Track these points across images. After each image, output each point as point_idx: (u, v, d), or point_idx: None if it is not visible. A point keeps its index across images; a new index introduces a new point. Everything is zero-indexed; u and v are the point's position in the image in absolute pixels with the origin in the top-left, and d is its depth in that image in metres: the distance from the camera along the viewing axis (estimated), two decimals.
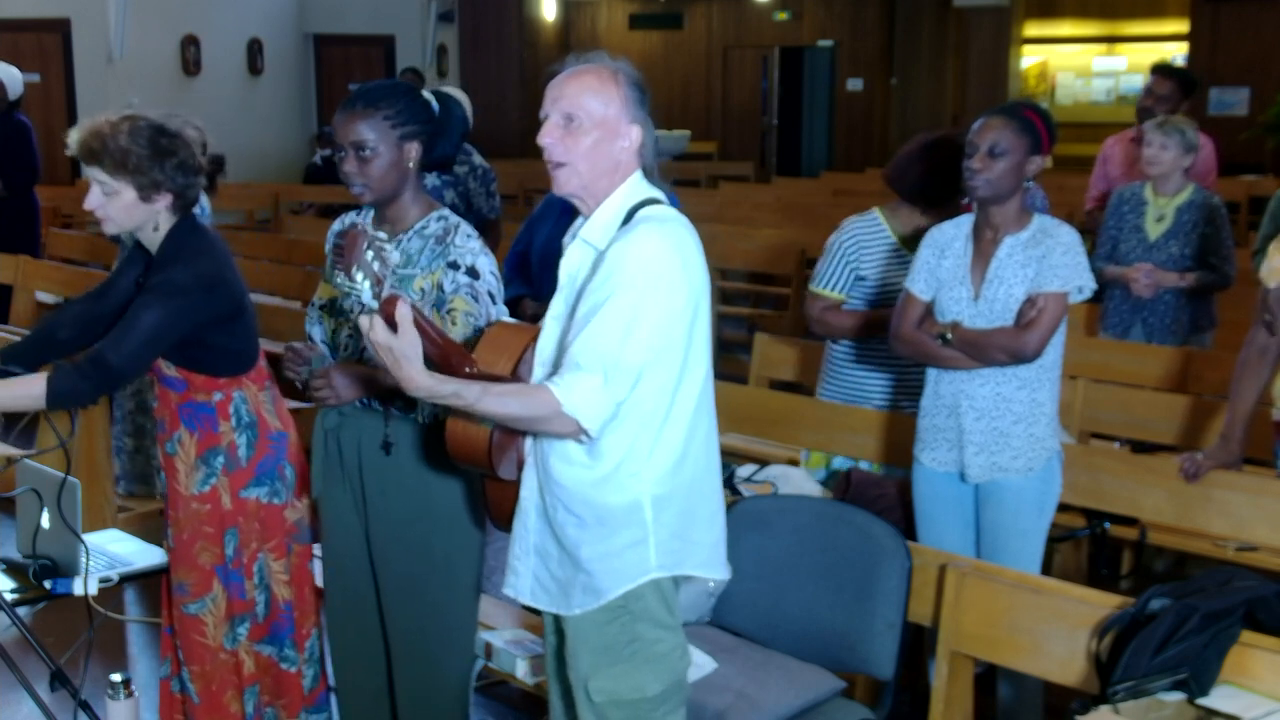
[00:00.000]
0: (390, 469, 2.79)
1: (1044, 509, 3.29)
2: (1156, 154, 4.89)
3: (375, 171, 2.69)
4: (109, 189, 2.82)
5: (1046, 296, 3.12)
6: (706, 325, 2.35)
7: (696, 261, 2.30)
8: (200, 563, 2.99)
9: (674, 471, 2.32)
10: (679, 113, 18.01)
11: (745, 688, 2.85)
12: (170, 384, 2.97)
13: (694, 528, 2.37)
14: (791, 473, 3.97)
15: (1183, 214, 4.92)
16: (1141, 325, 5.04)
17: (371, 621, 2.92)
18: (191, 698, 3.04)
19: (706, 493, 2.41)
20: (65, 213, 10.43)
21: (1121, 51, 17.03)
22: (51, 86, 13.07)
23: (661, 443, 2.30)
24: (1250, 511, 3.59)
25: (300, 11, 15.72)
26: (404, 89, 2.80)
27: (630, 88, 2.32)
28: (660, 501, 2.31)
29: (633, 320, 2.21)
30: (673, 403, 2.30)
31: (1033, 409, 3.21)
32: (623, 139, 2.30)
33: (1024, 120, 3.18)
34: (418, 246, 2.75)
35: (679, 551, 2.35)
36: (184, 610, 3.02)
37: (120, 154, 2.78)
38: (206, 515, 2.98)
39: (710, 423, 2.40)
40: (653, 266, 2.23)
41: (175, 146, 2.84)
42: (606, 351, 2.20)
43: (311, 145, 14.61)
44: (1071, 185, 9.97)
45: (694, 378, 2.33)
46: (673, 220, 2.31)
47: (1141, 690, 2.40)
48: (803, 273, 8.16)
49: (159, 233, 2.89)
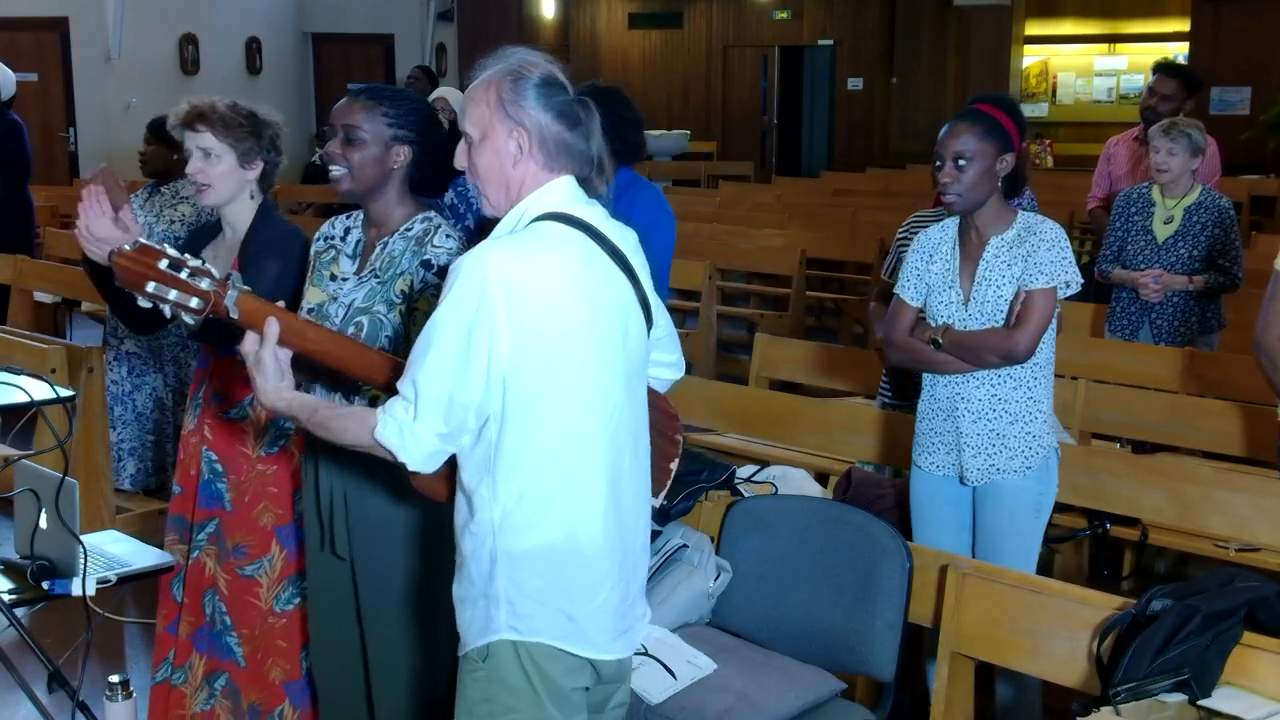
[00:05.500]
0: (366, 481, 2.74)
1: (1041, 509, 3.28)
2: (1165, 160, 4.88)
3: (357, 159, 2.69)
4: (214, 152, 3.05)
5: (1033, 294, 3.10)
6: (595, 366, 2.11)
7: (553, 294, 2.06)
8: (261, 524, 3.06)
9: (530, 528, 2.10)
10: (679, 112, 18.02)
11: (745, 689, 2.84)
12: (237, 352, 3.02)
13: (562, 596, 2.12)
14: (791, 473, 3.96)
15: (1191, 215, 4.91)
16: (1149, 327, 5.03)
17: (352, 637, 2.87)
18: (238, 662, 3.09)
19: (591, 559, 2.13)
20: (64, 212, 10.41)
21: (1123, 51, 17.01)
22: (50, 86, 13.06)
23: (504, 493, 2.10)
24: (1251, 512, 3.58)
25: (299, 11, 15.71)
26: (413, 99, 2.82)
27: (510, 90, 2.13)
28: (513, 559, 2.10)
29: (435, 343, 2.05)
30: (507, 449, 2.08)
31: (1029, 407, 3.20)
32: (505, 149, 2.14)
33: (988, 121, 3.14)
34: (400, 248, 2.74)
35: (535, 617, 2.12)
36: (239, 573, 3.07)
37: (228, 117, 3.06)
38: (273, 476, 3.06)
39: (612, 479, 2.14)
40: (461, 292, 2.04)
41: (268, 122, 3.14)
42: (415, 377, 2.07)
43: (310, 145, 14.59)
44: (1072, 185, 9.97)
45: (554, 426, 2.09)
46: (537, 241, 2.10)
47: (1143, 691, 2.39)
48: (803, 273, 8.17)
49: (244, 208, 3.11)
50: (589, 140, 2.19)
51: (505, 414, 2.08)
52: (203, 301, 2.22)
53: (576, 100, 2.19)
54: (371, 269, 2.75)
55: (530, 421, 2.09)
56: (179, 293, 2.22)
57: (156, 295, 2.22)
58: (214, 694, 3.12)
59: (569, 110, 2.17)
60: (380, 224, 2.78)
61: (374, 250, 2.77)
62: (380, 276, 2.72)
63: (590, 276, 2.14)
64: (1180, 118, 5.17)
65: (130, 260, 2.21)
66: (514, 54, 2.20)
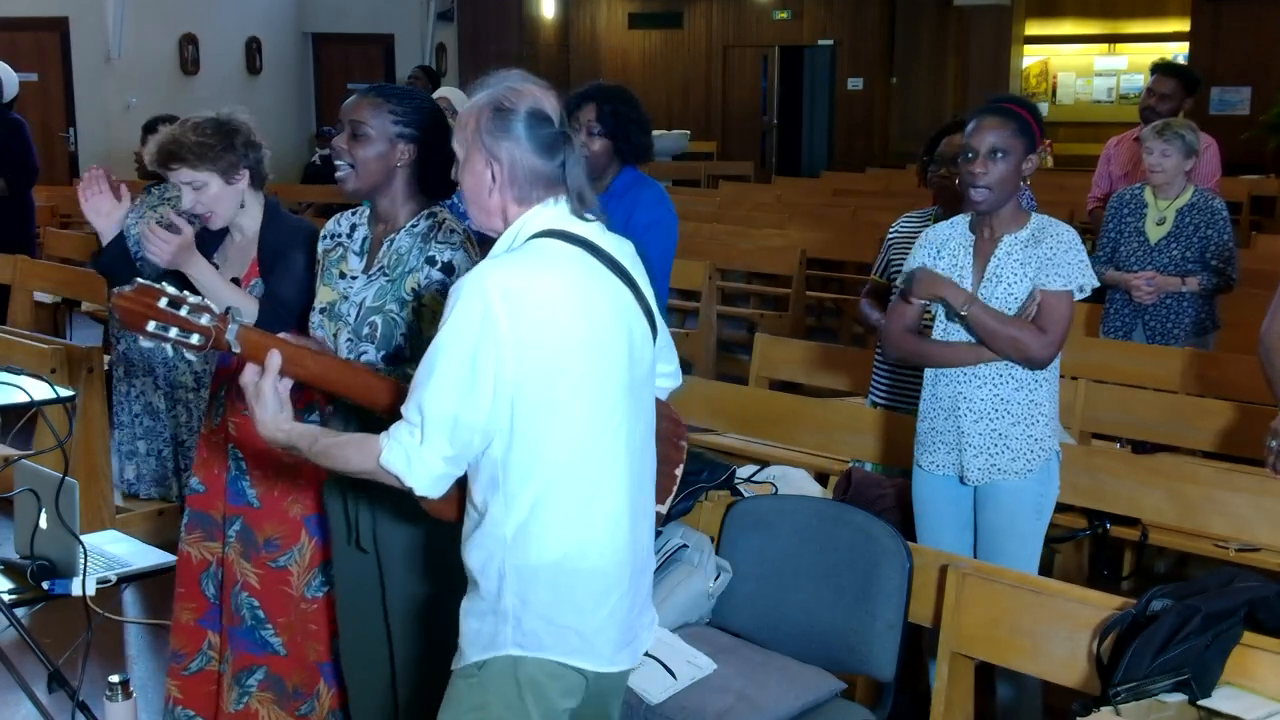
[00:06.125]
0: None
1: (1041, 511, 3.28)
2: (1158, 161, 4.87)
3: (361, 154, 2.73)
4: (197, 183, 3.09)
5: (1052, 298, 3.09)
6: (599, 379, 2.12)
7: (553, 308, 2.07)
8: (291, 515, 3.07)
9: (542, 543, 2.11)
10: (679, 112, 18.02)
11: (745, 689, 2.84)
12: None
13: (568, 611, 2.13)
14: (791, 473, 3.96)
15: (1184, 216, 4.90)
16: (1143, 328, 5.02)
17: (378, 628, 2.89)
18: (277, 652, 3.10)
19: (601, 571, 2.15)
20: (63, 212, 10.42)
21: (1123, 51, 17.02)
22: (50, 86, 13.07)
23: (516, 509, 2.10)
24: (1251, 512, 3.58)
25: (299, 10, 15.71)
26: (421, 98, 2.84)
27: (490, 120, 2.15)
28: (523, 574, 2.11)
29: (439, 365, 2.06)
30: (516, 464, 2.09)
31: (1031, 410, 3.19)
32: (481, 175, 2.16)
33: (1020, 120, 3.12)
34: (407, 245, 2.76)
35: (542, 634, 2.12)
36: (271, 565, 3.08)
37: (197, 147, 3.07)
38: (300, 467, 3.04)
39: (621, 490, 2.16)
40: (464, 314, 2.05)
41: (236, 126, 3.13)
42: (420, 401, 2.08)
43: (310, 145, 14.60)
44: (1072, 185, 9.97)
45: (562, 439, 2.10)
46: (535, 257, 2.12)
47: (1143, 691, 2.39)
48: (803, 273, 8.17)
49: (248, 212, 3.16)
50: (567, 172, 2.19)
51: (513, 429, 2.09)
52: (203, 337, 2.26)
53: (559, 134, 2.19)
54: (380, 267, 2.77)
55: (538, 436, 2.09)
56: (179, 330, 2.25)
57: (157, 335, 2.25)
58: (247, 692, 3.12)
59: (550, 144, 2.17)
60: (387, 220, 2.81)
61: (381, 247, 2.79)
62: (389, 274, 2.74)
63: (591, 290, 2.15)
64: (1175, 119, 5.16)
65: (129, 301, 2.24)
66: (507, 80, 2.20)
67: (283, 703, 3.12)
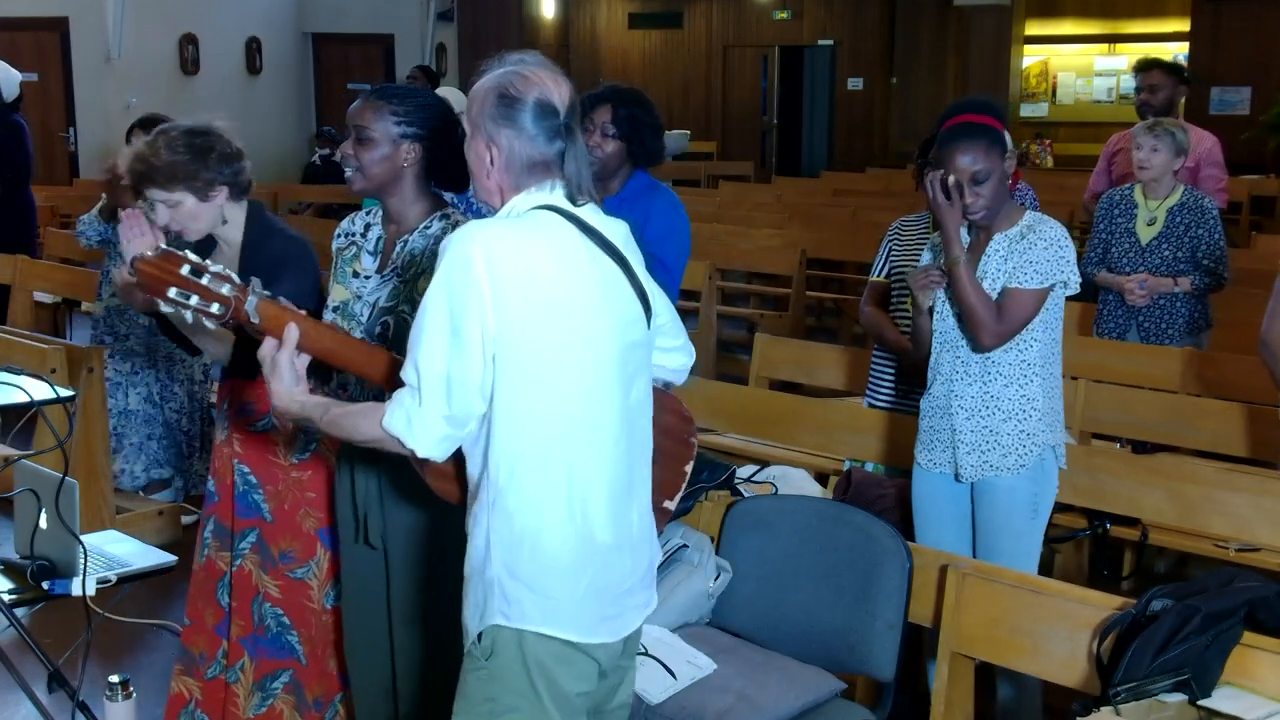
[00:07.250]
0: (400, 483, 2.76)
1: (1038, 509, 3.27)
2: (1147, 157, 4.88)
3: (366, 158, 2.73)
4: (170, 202, 3.03)
5: (1015, 292, 3.10)
6: (581, 350, 2.13)
7: (534, 274, 2.09)
8: (305, 529, 3.08)
9: (520, 510, 2.12)
10: (679, 112, 18.00)
11: (745, 689, 2.84)
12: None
13: (547, 576, 2.12)
14: (791, 473, 3.97)
15: (1174, 216, 4.90)
16: (1136, 329, 5.02)
17: (381, 629, 2.89)
18: (299, 660, 3.11)
19: (581, 541, 2.14)
20: (63, 212, 10.42)
21: (1123, 51, 17.00)
22: (50, 86, 13.08)
23: (494, 473, 2.12)
24: (1251, 512, 3.58)
25: (299, 10, 15.72)
26: (424, 96, 2.83)
27: (495, 106, 2.17)
28: (505, 541, 2.13)
29: (426, 325, 2.08)
30: (497, 428, 2.11)
31: (1023, 405, 3.19)
32: (481, 156, 2.19)
33: (990, 133, 3.14)
34: (421, 246, 2.76)
35: (525, 602, 2.12)
36: (290, 576, 3.09)
37: (167, 168, 3.00)
38: (309, 481, 3.07)
39: (596, 464, 2.16)
40: (448, 271, 2.07)
41: (210, 142, 3.05)
42: (415, 362, 2.10)
43: (310, 145, 14.60)
44: (1072, 185, 9.97)
45: (542, 407, 2.11)
46: (525, 224, 2.14)
47: (1143, 691, 2.39)
48: (803, 272, 8.17)
49: (230, 224, 3.11)
50: (567, 163, 2.20)
51: (494, 394, 2.10)
52: (223, 307, 2.23)
53: (562, 125, 2.19)
54: (393, 267, 2.78)
55: (516, 397, 2.10)
56: (200, 298, 2.22)
57: (178, 301, 2.21)
58: (271, 695, 3.13)
59: (553, 134, 2.18)
60: (398, 221, 2.81)
61: (394, 248, 2.79)
62: (403, 275, 2.75)
63: (577, 263, 2.15)
64: (1166, 118, 5.16)
65: (153, 266, 2.21)
66: (521, 63, 2.20)
67: (302, 710, 3.13)
